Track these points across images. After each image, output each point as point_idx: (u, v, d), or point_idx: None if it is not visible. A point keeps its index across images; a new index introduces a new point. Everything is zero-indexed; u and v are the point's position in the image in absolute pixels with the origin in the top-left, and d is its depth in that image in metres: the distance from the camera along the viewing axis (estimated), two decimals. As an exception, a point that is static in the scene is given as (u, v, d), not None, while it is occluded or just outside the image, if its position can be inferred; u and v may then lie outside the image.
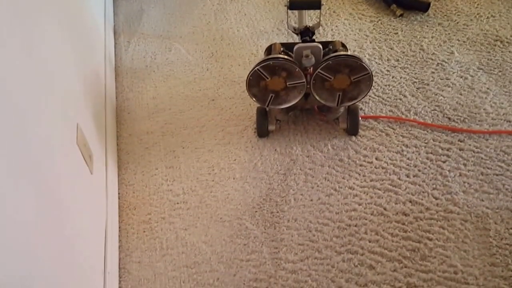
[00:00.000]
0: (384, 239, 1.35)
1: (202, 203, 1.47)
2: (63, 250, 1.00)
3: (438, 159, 1.51)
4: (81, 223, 1.16)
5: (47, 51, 1.17)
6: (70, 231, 1.06)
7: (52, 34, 1.24)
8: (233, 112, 1.71)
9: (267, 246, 1.36)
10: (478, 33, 1.87)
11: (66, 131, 1.16)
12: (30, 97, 0.98)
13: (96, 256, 1.22)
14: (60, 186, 1.05)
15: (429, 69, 1.77)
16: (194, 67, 1.88)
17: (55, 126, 1.09)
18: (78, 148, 1.19)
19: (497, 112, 1.60)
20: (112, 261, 1.29)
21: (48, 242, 0.93)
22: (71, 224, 1.08)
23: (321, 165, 1.53)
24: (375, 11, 2.01)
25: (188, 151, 1.61)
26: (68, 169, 1.13)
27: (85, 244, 1.17)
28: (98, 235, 1.28)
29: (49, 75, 1.14)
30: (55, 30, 1.28)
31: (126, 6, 2.20)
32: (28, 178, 0.89)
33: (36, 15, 1.14)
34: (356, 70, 1.42)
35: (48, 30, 1.21)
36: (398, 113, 1.64)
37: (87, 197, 1.25)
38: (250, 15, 2.08)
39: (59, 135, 1.11)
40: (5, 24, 0.93)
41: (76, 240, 1.10)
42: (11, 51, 0.93)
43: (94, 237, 1.25)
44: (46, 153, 1.00)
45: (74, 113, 1.27)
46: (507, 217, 1.36)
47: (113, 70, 1.88)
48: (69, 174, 1.12)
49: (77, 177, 1.18)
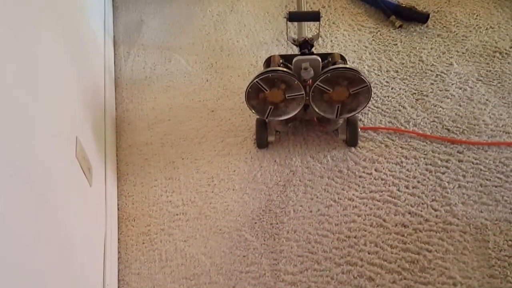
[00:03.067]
0: (383, 251, 1.35)
1: (201, 214, 1.47)
2: (62, 263, 1.00)
3: (437, 170, 1.51)
4: (80, 235, 1.16)
5: (46, 63, 1.17)
6: (68, 244, 1.07)
7: (52, 46, 1.25)
8: (232, 123, 1.72)
9: (266, 257, 1.36)
10: (477, 45, 1.88)
11: (65, 144, 1.17)
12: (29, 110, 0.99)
13: (95, 268, 1.22)
14: (58, 199, 1.05)
15: (428, 80, 1.77)
16: (193, 78, 1.89)
17: (55, 139, 1.10)
18: (77, 161, 1.19)
19: (496, 124, 1.61)
20: (111, 273, 1.29)
21: (47, 254, 0.93)
22: (69, 237, 1.08)
23: (321, 176, 1.53)
24: (374, 22, 2.02)
25: (187, 162, 1.61)
26: (67, 182, 1.13)
27: (84, 256, 1.17)
28: (97, 247, 1.28)
29: (49, 88, 1.15)
30: (55, 41, 1.29)
31: (126, 17, 2.21)
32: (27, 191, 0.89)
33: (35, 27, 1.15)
34: (355, 83, 1.42)
35: (48, 42, 1.22)
36: (398, 124, 1.64)
37: (86, 209, 1.25)
38: (249, 26, 2.09)
39: (58, 148, 1.12)
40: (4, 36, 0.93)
41: (75, 252, 1.10)
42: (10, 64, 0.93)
43: (93, 249, 1.25)
44: (45, 166, 1.01)
45: (74, 126, 1.28)
46: (506, 228, 1.36)
47: (112, 81, 1.89)
48: (68, 187, 1.13)
49: (76, 190, 1.18)
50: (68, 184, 1.13)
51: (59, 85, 1.24)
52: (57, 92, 1.21)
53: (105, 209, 1.39)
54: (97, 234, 1.30)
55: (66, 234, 1.06)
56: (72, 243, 1.09)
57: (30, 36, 1.08)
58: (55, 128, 1.12)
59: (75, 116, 1.32)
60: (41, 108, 1.06)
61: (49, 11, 1.29)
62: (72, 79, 1.38)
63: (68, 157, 1.17)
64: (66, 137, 1.19)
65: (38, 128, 1.01)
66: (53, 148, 1.08)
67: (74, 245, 1.10)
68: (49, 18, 1.28)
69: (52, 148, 1.07)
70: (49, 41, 1.23)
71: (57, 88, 1.22)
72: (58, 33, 1.33)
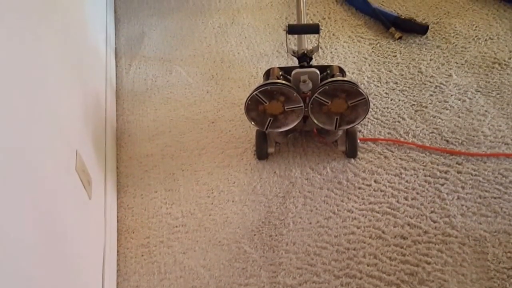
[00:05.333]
0: (382, 263, 1.35)
1: (201, 226, 1.47)
2: (60, 275, 1.01)
3: (436, 182, 1.51)
4: (78, 248, 1.16)
5: (47, 75, 1.18)
6: (67, 256, 1.07)
7: (53, 58, 1.26)
8: (232, 134, 1.72)
9: (265, 270, 1.36)
10: (476, 56, 1.89)
11: (65, 158, 1.18)
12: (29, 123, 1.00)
13: (93, 281, 1.22)
14: (57, 213, 1.06)
15: (427, 91, 1.78)
16: (194, 90, 1.90)
17: (55, 153, 1.11)
18: (77, 174, 1.20)
19: (495, 135, 1.61)
20: (109, 286, 1.30)
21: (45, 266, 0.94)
22: (68, 249, 1.09)
23: (320, 187, 1.54)
24: (374, 34, 2.03)
25: (187, 174, 1.62)
26: (66, 195, 1.14)
27: (82, 268, 1.17)
28: (96, 260, 1.28)
29: (50, 100, 1.16)
30: (56, 53, 1.30)
31: (127, 28, 2.22)
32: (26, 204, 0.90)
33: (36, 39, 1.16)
34: (353, 95, 1.43)
35: (49, 54, 1.23)
36: (397, 135, 1.65)
37: (85, 222, 1.25)
38: (250, 38, 2.10)
39: (58, 162, 1.12)
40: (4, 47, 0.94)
41: (74, 265, 1.11)
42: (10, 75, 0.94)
43: (92, 261, 1.25)
44: (45, 179, 1.02)
45: (74, 139, 1.29)
46: (505, 240, 1.36)
47: (114, 92, 1.90)
48: (67, 201, 1.13)
49: (75, 203, 1.19)
50: (67, 197, 1.14)
51: (60, 98, 1.25)
52: (58, 104, 1.22)
53: (104, 221, 1.40)
54: (96, 247, 1.30)
55: (65, 246, 1.07)
56: (71, 256, 1.09)
57: (30, 47, 1.10)
58: (55, 141, 1.13)
59: (75, 128, 1.33)
60: (41, 121, 1.07)
61: (50, 22, 1.31)
62: (73, 91, 1.39)
63: (68, 170, 1.17)
64: (66, 150, 1.20)
65: (38, 141, 1.02)
66: (53, 161, 1.09)
67: (73, 258, 1.11)
68: (50, 30, 1.29)
69: (52, 162, 1.08)
70: (50, 53, 1.24)
71: (58, 100, 1.23)
72: (59, 45, 1.35)
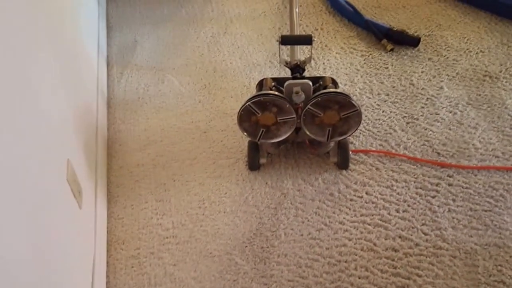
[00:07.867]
0: (373, 275, 1.35)
1: (191, 237, 1.46)
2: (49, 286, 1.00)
3: (428, 194, 1.51)
4: (68, 258, 1.15)
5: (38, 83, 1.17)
6: (56, 267, 1.06)
7: (44, 66, 1.25)
8: (224, 144, 1.72)
9: (256, 282, 1.36)
10: (468, 68, 1.90)
11: (56, 167, 1.17)
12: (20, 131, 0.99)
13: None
14: (47, 222, 1.05)
15: (418, 103, 1.79)
16: (186, 99, 1.89)
17: (45, 162, 1.10)
18: (67, 183, 1.19)
19: (486, 148, 1.62)
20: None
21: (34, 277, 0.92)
22: (57, 260, 1.07)
23: (312, 199, 1.53)
24: (366, 46, 2.04)
25: (178, 184, 1.61)
26: (56, 204, 1.13)
27: (71, 280, 1.16)
28: (86, 271, 1.27)
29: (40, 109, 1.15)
30: (47, 62, 1.29)
31: (119, 37, 2.22)
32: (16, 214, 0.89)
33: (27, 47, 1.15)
34: (345, 107, 1.43)
35: (40, 62, 1.22)
36: (388, 147, 1.65)
37: (74, 232, 1.24)
38: (243, 48, 2.10)
39: (49, 171, 1.11)
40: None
41: (63, 276, 1.09)
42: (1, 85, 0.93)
43: (82, 272, 1.24)
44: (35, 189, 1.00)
45: (65, 148, 1.27)
46: (495, 253, 1.36)
47: (105, 101, 1.89)
48: (57, 210, 1.12)
49: (65, 212, 1.18)
50: (57, 207, 1.13)
51: (51, 106, 1.24)
52: (49, 113, 1.21)
53: (94, 232, 1.39)
54: (86, 258, 1.29)
55: (54, 257, 1.05)
56: (60, 267, 1.08)
57: (21, 56, 1.09)
58: (46, 150, 1.12)
59: (66, 137, 1.32)
60: (32, 129, 1.06)
61: (41, 31, 1.30)
62: (64, 100, 1.38)
63: (59, 179, 1.16)
64: (57, 159, 1.19)
65: (28, 150, 1.01)
66: (44, 170, 1.08)
67: (62, 269, 1.09)
68: (41, 38, 1.28)
69: (42, 171, 1.07)
70: (41, 62, 1.23)
71: (49, 109, 1.22)
72: (50, 53, 1.34)
